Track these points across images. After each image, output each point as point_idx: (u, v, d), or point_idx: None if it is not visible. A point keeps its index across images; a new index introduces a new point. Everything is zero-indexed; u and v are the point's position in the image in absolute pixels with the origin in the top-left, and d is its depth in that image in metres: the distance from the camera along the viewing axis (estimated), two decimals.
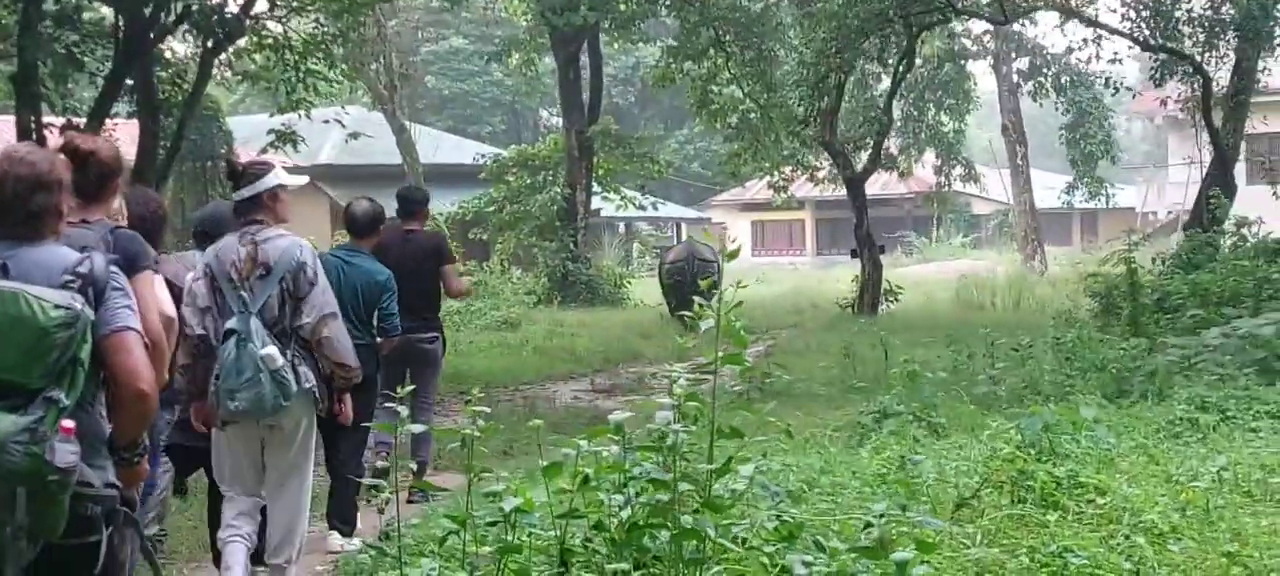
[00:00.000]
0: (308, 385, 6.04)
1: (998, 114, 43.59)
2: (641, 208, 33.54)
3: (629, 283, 31.49)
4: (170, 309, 4.97)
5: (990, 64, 41.02)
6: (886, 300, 25.63)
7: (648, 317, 25.29)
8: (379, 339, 8.23)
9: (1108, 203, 40.80)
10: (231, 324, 5.98)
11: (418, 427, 5.62)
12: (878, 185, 36.16)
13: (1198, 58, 22.17)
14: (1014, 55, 40.34)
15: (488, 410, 5.11)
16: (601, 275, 30.84)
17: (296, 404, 6.03)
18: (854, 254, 26.49)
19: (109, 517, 3.82)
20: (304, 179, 6.72)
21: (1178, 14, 21.89)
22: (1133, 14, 21.84)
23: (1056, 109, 39.43)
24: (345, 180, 34.92)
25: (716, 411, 4.85)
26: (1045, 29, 45.36)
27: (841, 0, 21.42)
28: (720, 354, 4.81)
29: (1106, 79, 22.39)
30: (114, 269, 3.93)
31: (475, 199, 32.02)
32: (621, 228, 49.85)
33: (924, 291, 29.87)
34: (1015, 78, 40.44)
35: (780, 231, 58.53)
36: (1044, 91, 38.98)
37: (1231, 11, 21.77)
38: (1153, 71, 22.47)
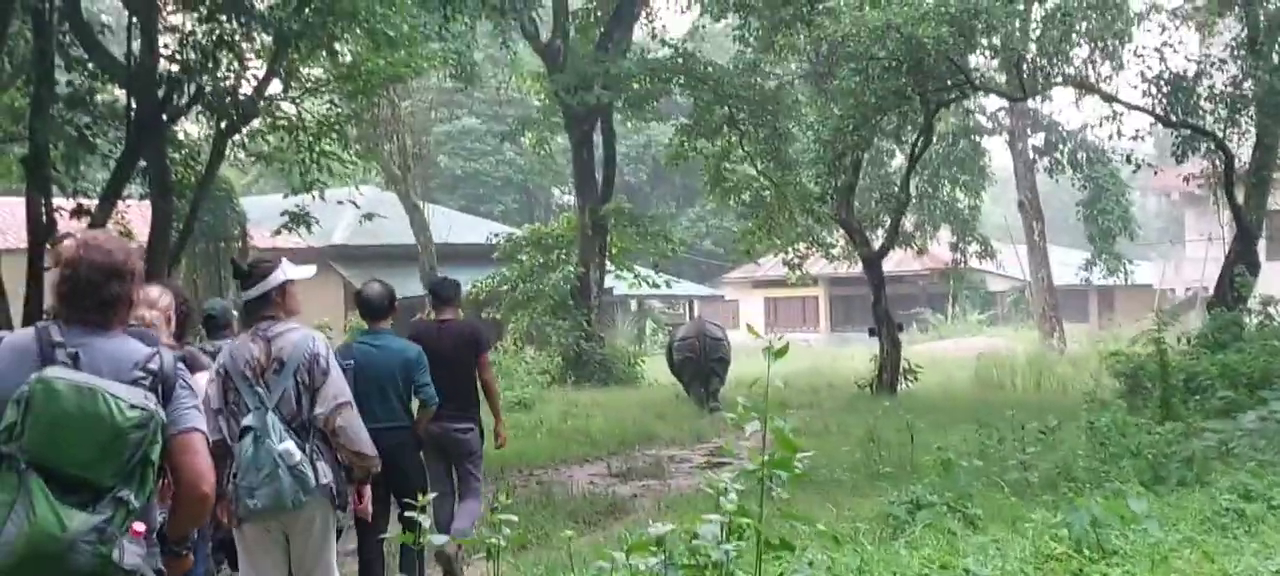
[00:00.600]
0: (325, 481, 5.92)
1: (1012, 189, 43.40)
2: (655, 286, 33.27)
3: (642, 361, 31.19)
4: None
5: (1006, 140, 40.79)
6: (905, 379, 25.25)
7: (662, 397, 24.98)
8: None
9: (1126, 279, 40.45)
10: (248, 421, 5.88)
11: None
12: (892, 262, 35.81)
13: (1220, 133, 21.91)
14: (1029, 131, 40.12)
15: (514, 519, 4.81)
16: (615, 354, 30.54)
17: (316, 498, 5.92)
18: (872, 332, 26.17)
19: None
20: (311, 270, 6.63)
21: (1199, 90, 21.64)
22: (1154, 89, 21.57)
23: (1073, 184, 39.17)
24: (359, 260, 34.81)
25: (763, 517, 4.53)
26: (1061, 105, 45.24)
27: (858, 78, 21.17)
28: (767, 458, 4.50)
29: (1128, 156, 22.11)
30: (181, 366, 3.97)
31: (489, 278, 31.77)
32: (633, 305, 49.56)
33: (942, 370, 29.54)
34: (1031, 153, 40.18)
35: (794, 308, 58.19)
36: (1060, 167, 38.73)
37: (1252, 87, 21.55)
38: (1174, 148, 22.17)
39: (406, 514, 5.20)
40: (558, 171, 59.94)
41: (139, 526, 3.65)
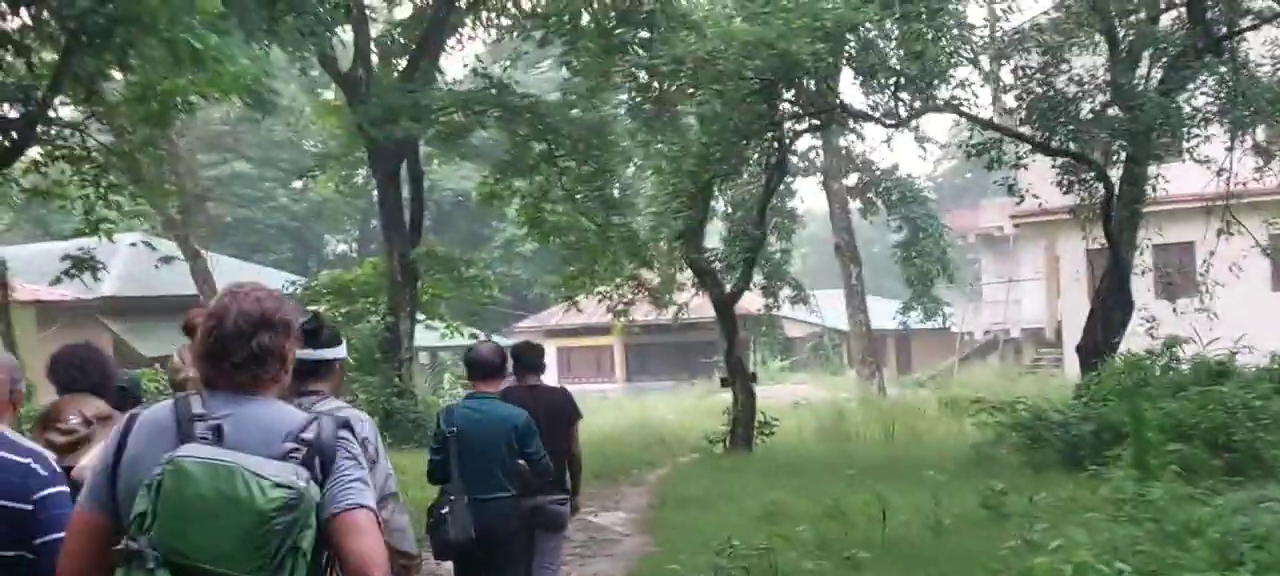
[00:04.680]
0: None
1: (817, 233, 42.21)
2: (475, 335, 30.62)
3: None
4: None
5: (820, 181, 39.37)
6: (761, 434, 23.20)
7: None
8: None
9: (944, 322, 39.53)
10: None
11: None
12: (692, 309, 34.01)
13: (1101, 162, 20.58)
14: (844, 172, 38.81)
15: None
16: (431, 411, 27.72)
17: None
18: (724, 383, 24.11)
19: None
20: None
21: (1072, 111, 20.23)
22: (1028, 114, 20.07)
23: (888, 226, 38.03)
24: (132, 313, 31.47)
25: None
26: (873, 143, 44.41)
27: (722, 101, 19.11)
28: None
29: (1010, 186, 20.54)
30: (344, 434, 3.47)
31: None
32: (423, 358, 46.69)
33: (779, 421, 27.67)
34: (846, 196, 38.87)
35: (588, 358, 55.83)
36: (874, 209, 37.55)
37: (1119, 114, 20.26)
38: (1058, 179, 20.73)
39: None
40: (333, 218, 56.98)
41: None
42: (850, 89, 22.98)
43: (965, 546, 11.01)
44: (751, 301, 37.82)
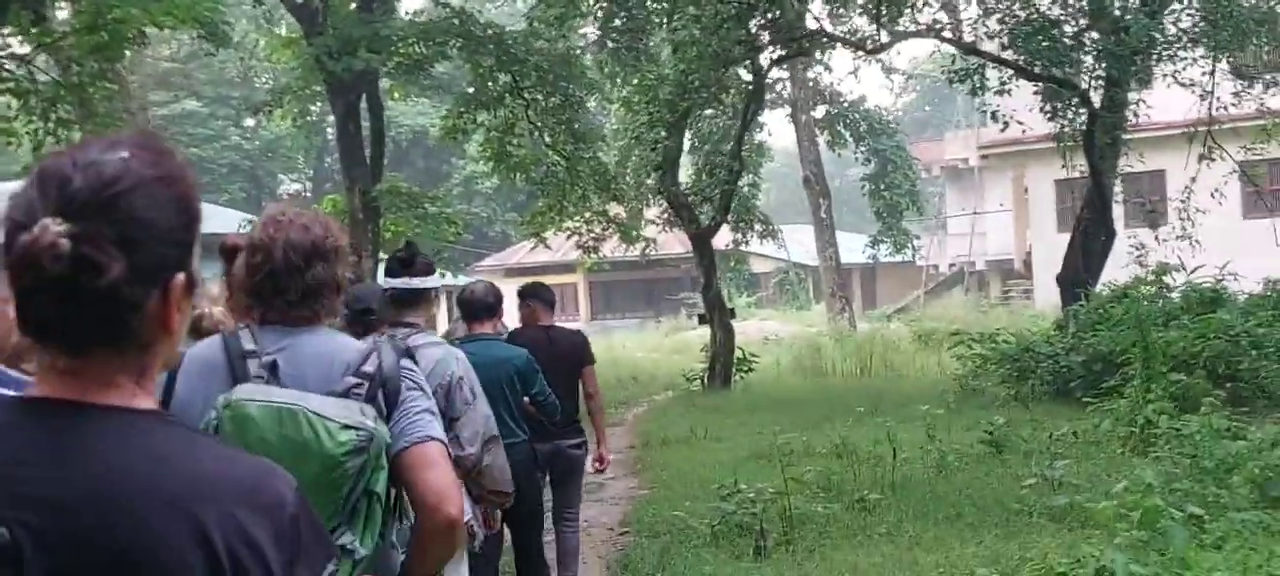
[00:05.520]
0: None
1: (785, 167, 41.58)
2: (443, 274, 29.93)
3: None
4: None
5: (788, 114, 38.60)
6: (737, 371, 22.64)
7: None
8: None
9: (913, 255, 39.04)
10: None
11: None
12: (659, 245, 33.31)
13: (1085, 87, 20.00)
14: (812, 104, 38.07)
15: None
16: None
17: None
18: (702, 319, 23.54)
19: None
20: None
21: (1066, 40, 19.61)
22: (1011, 39, 19.42)
23: (856, 159, 37.46)
24: None
25: None
26: (840, 75, 43.73)
27: (701, 27, 18.41)
28: None
29: (993, 113, 19.91)
30: (407, 364, 3.23)
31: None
32: None
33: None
34: (814, 128, 38.13)
35: None
36: (843, 141, 36.92)
37: (1099, 38, 19.67)
38: (1043, 106, 20.14)
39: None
40: (287, 156, 55.92)
41: None
42: (823, 17, 22.17)
43: (976, 484, 10.48)
44: (719, 237, 37.29)
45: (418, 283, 5.33)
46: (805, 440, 13.22)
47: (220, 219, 36.49)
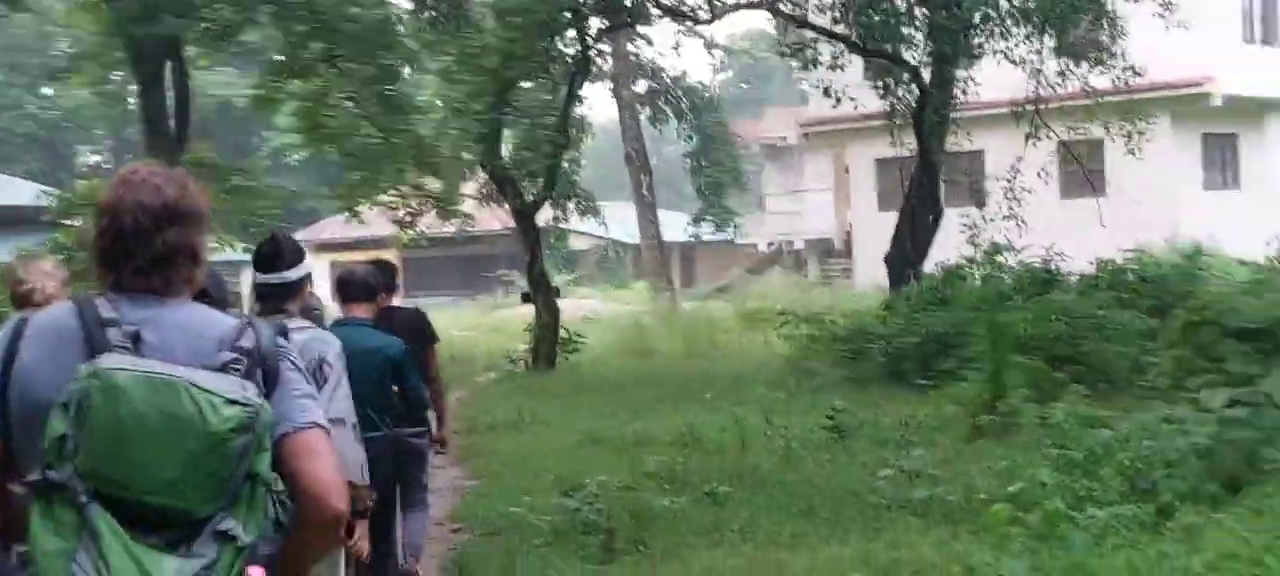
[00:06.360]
0: None
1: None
2: (248, 250, 28.56)
3: None
4: None
5: (610, 88, 37.93)
6: (563, 352, 21.99)
7: None
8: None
9: (734, 234, 38.82)
10: None
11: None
12: (476, 222, 32.48)
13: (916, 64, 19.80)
14: (633, 79, 37.47)
15: None
16: None
17: None
18: (526, 298, 22.83)
19: None
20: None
21: (898, 16, 19.35)
22: (851, 15, 19.10)
23: (677, 136, 37.05)
24: None
25: None
26: (662, 49, 43.29)
27: None
28: None
29: (826, 89, 19.56)
30: (282, 342, 2.93)
31: (38, 246, 26.19)
32: None
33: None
34: (636, 104, 37.56)
35: None
36: (665, 117, 36.47)
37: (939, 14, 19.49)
38: (875, 83, 19.88)
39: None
40: (86, 127, 53.63)
41: (255, 571, 2.67)
42: None
43: (824, 474, 9.99)
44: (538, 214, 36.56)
45: (288, 276, 5.17)
46: (642, 426, 12.62)
47: (14, 190, 34.69)
